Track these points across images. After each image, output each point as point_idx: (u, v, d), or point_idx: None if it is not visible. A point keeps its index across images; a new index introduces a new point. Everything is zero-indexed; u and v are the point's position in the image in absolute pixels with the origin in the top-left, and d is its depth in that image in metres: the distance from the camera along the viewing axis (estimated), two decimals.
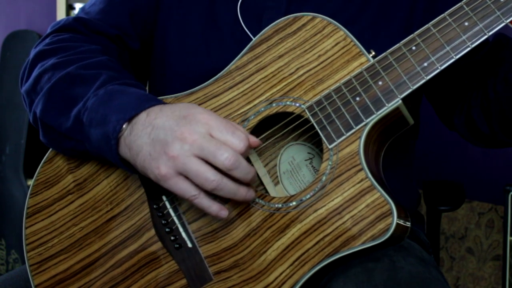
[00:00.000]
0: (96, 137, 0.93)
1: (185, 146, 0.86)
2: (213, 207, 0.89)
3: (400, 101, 0.92)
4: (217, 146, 0.85)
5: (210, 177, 0.86)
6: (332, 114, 0.94)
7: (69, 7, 2.57)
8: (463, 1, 0.92)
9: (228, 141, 0.86)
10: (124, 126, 0.91)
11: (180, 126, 0.87)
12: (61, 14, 2.59)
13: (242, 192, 0.89)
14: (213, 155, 0.85)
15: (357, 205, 0.89)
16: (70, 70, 0.99)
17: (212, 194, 0.88)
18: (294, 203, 0.92)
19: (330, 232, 0.90)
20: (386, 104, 0.92)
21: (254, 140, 0.92)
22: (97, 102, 0.93)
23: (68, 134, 0.97)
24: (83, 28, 1.11)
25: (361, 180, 0.90)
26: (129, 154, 0.91)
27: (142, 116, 0.91)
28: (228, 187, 0.87)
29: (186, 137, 0.86)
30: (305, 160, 1.03)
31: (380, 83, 0.93)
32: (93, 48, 1.06)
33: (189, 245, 0.97)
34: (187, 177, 0.87)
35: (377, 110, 0.92)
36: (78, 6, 2.56)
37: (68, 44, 1.06)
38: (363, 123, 0.92)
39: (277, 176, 1.04)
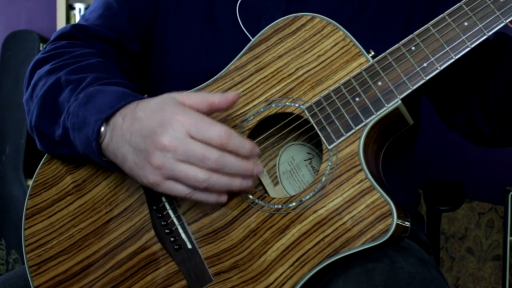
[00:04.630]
0: (80, 141, 0.93)
1: (167, 154, 0.85)
2: (211, 198, 0.88)
3: (400, 102, 0.92)
4: (201, 150, 0.85)
5: (200, 178, 0.85)
6: (332, 115, 0.93)
7: (69, 7, 2.57)
8: (462, 1, 0.92)
9: (208, 139, 0.85)
10: (102, 129, 0.91)
11: (158, 135, 0.85)
12: (61, 14, 2.59)
13: (237, 183, 0.88)
14: (200, 160, 0.85)
15: (357, 206, 0.89)
16: (60, 76, 0.99)
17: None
18: (293, 203, 0.92)
19: (330, 233, 0.90)
20: (386, 105, 0.92)
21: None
22: (77, 106, 0.93)
23: (62, 141, 0.97)
24: (80, 34, 1.11)
25: (361, 181, 0.90)
26: (116, 161, 0.91)
27: (119, 120, 0.90)
28: (221, 183, 0.86)
29: (166, 146, 0.85)
30: (305, 160, 1.03)
31: (379, 83, 0.93)
32: (87, 52, 1.06)
33: (189, 246, 0.96)
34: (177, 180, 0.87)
35: (377, 110, 0.92)
36: (78, 6, 2.55)
37: (63, 50, 1.06)
38: (363, 124, 0.92)
39: (276, 177, 1.04)
